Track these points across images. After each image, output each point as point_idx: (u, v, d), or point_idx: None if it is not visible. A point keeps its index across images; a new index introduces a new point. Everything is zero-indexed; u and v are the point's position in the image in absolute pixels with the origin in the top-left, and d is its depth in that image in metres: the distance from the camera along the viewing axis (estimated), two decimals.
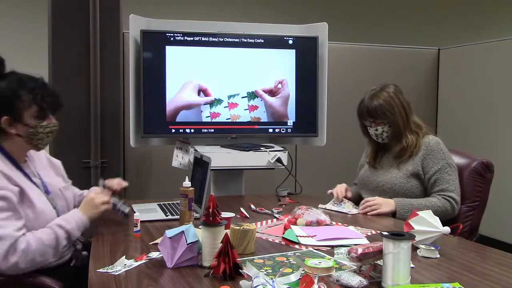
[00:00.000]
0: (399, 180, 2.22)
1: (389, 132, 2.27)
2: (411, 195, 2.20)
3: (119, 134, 3.22)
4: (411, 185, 2.20)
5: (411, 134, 2.25)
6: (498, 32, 5.16)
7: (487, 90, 3.85)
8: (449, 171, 2.17)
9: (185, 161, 2.77)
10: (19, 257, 1.49)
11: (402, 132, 2.25)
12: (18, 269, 1.50)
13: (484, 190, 2.25)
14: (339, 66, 3.76)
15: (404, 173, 2.22)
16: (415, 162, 2.21)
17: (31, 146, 1.71)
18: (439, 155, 2.19)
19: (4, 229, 1.49)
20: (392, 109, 2.24)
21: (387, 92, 2.28)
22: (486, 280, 1.33)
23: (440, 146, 2.22)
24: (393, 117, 2.24)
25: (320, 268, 1.31)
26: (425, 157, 2.20)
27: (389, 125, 2.25)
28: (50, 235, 1.59)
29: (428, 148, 2.21)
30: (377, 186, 2.28)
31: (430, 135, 2.28)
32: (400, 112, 2.25)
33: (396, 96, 2.27)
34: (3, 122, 1.62)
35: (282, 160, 2.65)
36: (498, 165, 2.33)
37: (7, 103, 1.62)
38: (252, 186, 2.97)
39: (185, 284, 1.29)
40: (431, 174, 2.18)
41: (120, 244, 1.66)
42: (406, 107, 2.28)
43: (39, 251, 1.54)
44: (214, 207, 1.41)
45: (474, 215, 2.22)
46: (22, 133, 1.66)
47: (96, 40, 3.06)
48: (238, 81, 2.85)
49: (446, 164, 2.18)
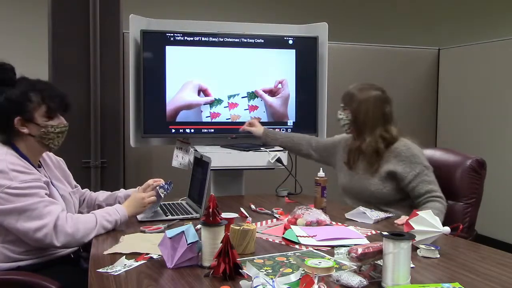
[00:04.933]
0: (375, 187, 2.22)
1: (349, 123, 2.29)
2: (390, 198, 2.21)
3: (119, 134, 3.23)
4: (388, 189, 2.21)
5: (369, 137, 2.24)
6: (498, 32, 5.16)
7: (487, 90, 3.85)
8: (427, 173, 2.17)
9: (185, 161, 2.77)
10: (68, 223, 1.66)
11: (362, 130, 2.26)
12: (66, 233, 1.65)
13: (479, 187, 2.27)
14: (339, 66, 3.76)
15: (378, 178, 2.22)
16: (386, 165, 2.21)
17: (43, 146, 1.79)
18: (414, 160, 2.18)
19: (55, 205, 1.68)
20: (361, 105, 2.25)
21: (370, 92, 2.28)
22: (486, 280, 1.33)
23: (412, 151, 2.20)
24: (358, 111, 2.25)
25: (320, 268, 1.31)
26: (398, 162, 2.19)
27: (352, 116, 2.28)
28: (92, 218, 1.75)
29: (401, 155, 2.19)
30: (358, 193, 2.29)
31: (402, 139, 2.25)
32: (366, 112, 2.24)
33: (375, 100, 2.26)
34: (16, 122, 1.72)
35: (282, 160, 2.65)
36: (498, 165, 2.35)
37: (19, 105, 1.72)
38: (252, 186, 2.97)
39: (185, 284, 1.29)
40: (410, 180, 2.16)
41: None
42: (377, 115, 2.25)
43: (83, 220, 1.72)
44: (214, 207, 1.41)
45: (472, 211, 2.25)
46: (34, 133, 1.75)
47: (96, 40, 3.06)
48: (238, 81, 2.85)
49: (423, 167, 2.17)
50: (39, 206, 1.63)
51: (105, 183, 3.10)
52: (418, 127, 4.18)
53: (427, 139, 4.17)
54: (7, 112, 1.71)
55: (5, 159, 1.66)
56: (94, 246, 1.63)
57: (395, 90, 4.10)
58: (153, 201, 1.95)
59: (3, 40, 4.65)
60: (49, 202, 1.67)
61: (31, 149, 1.77)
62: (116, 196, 2.09)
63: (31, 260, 1.70)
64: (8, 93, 1.71)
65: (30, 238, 1.63)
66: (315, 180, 2.15)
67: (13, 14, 4.93)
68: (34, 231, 1.62)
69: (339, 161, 2.46)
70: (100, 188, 3.00)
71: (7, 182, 1.61)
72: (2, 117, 1.72)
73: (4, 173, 1.62)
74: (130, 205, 1.89)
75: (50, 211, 1.64)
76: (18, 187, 1.62)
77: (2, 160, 1.65)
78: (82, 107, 3.06)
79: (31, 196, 1.63)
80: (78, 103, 3.03)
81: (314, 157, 2.64)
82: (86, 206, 2.07)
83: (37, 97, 1.74)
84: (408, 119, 4.12)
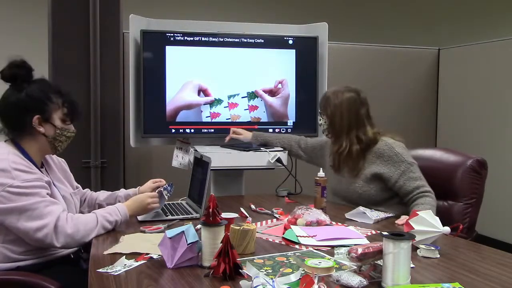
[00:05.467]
0: (362, 189, 2.22)
1: (326, 128, 2.31)
2: (377, 198, 2.21)
3: (119, 134, 3.22)
4: (374, 190, 2.21)
5: (346, 140, 2.24)
6: (498, 32, 5.16)
7: (487, 90, 3.85)
8: (412, 169, 2.16)
9: (185, 161, 2.77)
10: (68, 223, 1.65)
11: (337, 133, 2.27)
12: (66, 234, 1.64)
13: (480, 187, 2.26)
14: (339, 66, 3.76)
15: (363, 180, 2.22)
16: (370, 167, 2.21)
17: (52, 148, 1.81)
18: (398, 158, 2.17)
19: (56, 205, 1.67)
20: (335, 109, 2.25)
21: (344, 95, 2.27)
22: (486, 280, 1.33)
23: (394, 150, 2.18)
24: (332, 115, 2.26)
25: (320, 268, 1.31)
26: (382, 163, 2.18)
27: (328, 121, 2.29)
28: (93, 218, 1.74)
29: (383, 155, 2.19)
30: (347, 196, 2.30)
31: (383, 139, 2.23)
32: (341, 115, 2.24)
33: (348, 103, 2.25)
34: (34, 120, 1.73)
35: (282, 160, 2.65)
36: (498, 165, 2.35)
37: (40, 103, 1.74)
38: (252, 186, 2.97)
39: (185, 284, 1.29)
40: (396, 179, 2.16)
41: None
42: (351, 118, 2.24)
43: (83, 221, 1.71)
44: (214, 207, 1.41)
45: (472, 211, 2.24)
46: (48, 134, 1.77)
47: (96, 40, 3.06)
48: (238, 81, 2.85)
49: (407, 164, 2.16)
50: (40, 206, 1.63)
51: (105, 183, 3.10)
52: (418, 127, 4.18)
53: (427, 139, 4.18)
54: (26, 108, 1.72)
55: (8, 158, 1.66)
56: (94, 246, 1.63)
57: (395, 90, 4.16)
58: (157, 207, 1.95)
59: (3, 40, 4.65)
60: (50, 202, 1.67)
61: (39, 149, 1.78)
62: (117, 196, 2.09)
63: (31, 260, 1.70)
64: (29, 90, 1.73)
65: (30, 237, 1.63)
66: (315, 180, 2.15)
67: (13, 14, 4.93)
68: (34, 231, 1.62)
69: (327, 163, 2.45)
70: (100, 188, 3.00)
71: (9, 181, 1.61)
72: (21, 112, 1.72)
73: (6, 171, 1.62)
74: (133, 205, 1.89)
75: (51, 211, 1.64)
76: (20, 186, 1.62)
77: (4, 159, 1.65)
78: (82, 107, 3.04)
79: (33, 196, 1.63)
80: (78, 103, 3.03)
81: (304, 158, 2.65)
82: (87, 206, 2.07)
83: (58, 99, 1.78)
84: (408, 119, 4.13)
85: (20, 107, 1.72)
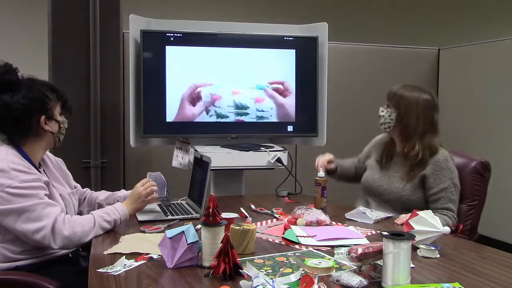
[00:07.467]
0: (406, 192, 2.18)
1: (392, 123, 2.20)
2: (414, 206, 2.14)
3: (119, 134, 3.22)
4: (417, 197, 2.18)
5: (419, 144, 2.17)
6: (498, 32, 5.16)
7: (487, 90, 3.85)
8: (453, 191, 2.14)
9: (185, 161, 2.77)
10: (65, 226, 1.65)
11: (409, 134, 2.19)
12: (63, 236, 1.64)
13: (482, 189, 2.25)
14: (339, 66, 3.75)
15: (412, 186, 2.18)
16: (423, 176, 2.17)
17: (57, 142, 1.85)
18: (447, 174, 2.14)
19: (54, 207, 1.68)
20: (410, 108, 2.17)
21: (421, 95, 2.20)
22: (486, 280, 1.32)
23: (449, 164, 2.15)
24: (406, 113, 2.17)
25: (320, 268, 1.31)
26: (432, 172, 2.15)
27: (397, 117, 2.19)
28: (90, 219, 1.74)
29: (437, 165, 2.15)
30: (383, 193, 2.24)
31: (442, 149, 2.20)
32: (417, 116, 2.17)
33: (426, 106, 2.19)
34: (41, 121, 1.77)
35: (282, 160, 2.64)
36: (498, 165, 2.34)
37: (42, 103, 1.77)
38: (252, 186, 2.97)
39: (185, 284, 1.29)
40: (436, 191, 2.13)
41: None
42: (427, 121, 2.18)
43: (80, 222, 1.71)
44: (214, 207, 1.41)
45: (474, 213, 2.23)
46: (54, 130, 1.81)
47: (96, 40, 3.06)
48: (238, 81, 2.84)
49: (452, 184, 2.14)
50: (38, 208, 1.63)
51: (105, 183, 3.09)
52: None
53: None
54: (31, 111, 1.73)
55: (7, 158, 1.66)
56: (94, 246, 1.63)
57: None
58: (150, 192, 1.93)
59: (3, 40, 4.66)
60: (48, 203, 1.67)
61: (44, 147, 1.82)
62: (116, 196, 2.09)
63: (30, 260, 1.70)
64: (29, 93, 1.73)
65: (28, 239, 1.64)
66: (315, 180, 2.15)
67: (13, 14, 4.93)
68: (32, 233, 1.62)
69: (371, 158, 2.41)
70: (100, 188, 3.00)
71: (8, 181, 1.61)
72: (27, 115, 1.73)
73: (4, 172, 1.62)
74: (129, 202, 1.90)
75: (49, 213, 1.64)
76: (18, 187, 1.62)
77: (3, 159, 1.65)
78: (82, 107, 3.05)
79: (31, 197, 1.63)
80: (78, 103, 3.03)
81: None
82: (86, 205, 2.07)
83: (53, 95, 1.81)
84: None
85: (25, 111, 1.72)
